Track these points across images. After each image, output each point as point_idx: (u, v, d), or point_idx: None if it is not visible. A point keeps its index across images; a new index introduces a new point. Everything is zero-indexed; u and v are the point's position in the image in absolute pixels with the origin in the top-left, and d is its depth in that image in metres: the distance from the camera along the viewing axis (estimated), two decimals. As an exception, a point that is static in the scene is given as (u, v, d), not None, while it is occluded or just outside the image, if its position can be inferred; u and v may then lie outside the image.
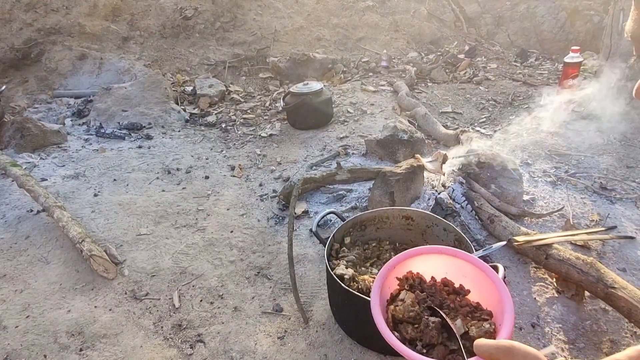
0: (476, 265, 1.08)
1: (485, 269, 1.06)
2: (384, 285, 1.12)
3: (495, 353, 0.92)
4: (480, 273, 1.07)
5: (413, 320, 1.06)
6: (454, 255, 1.12)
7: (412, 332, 1.05)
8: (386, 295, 1.13)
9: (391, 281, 1.15)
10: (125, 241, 2.36)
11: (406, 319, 1.07)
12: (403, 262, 1.16)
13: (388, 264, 1.14)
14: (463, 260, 1.11)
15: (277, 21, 5.39)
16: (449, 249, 1.13)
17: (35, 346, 1.78)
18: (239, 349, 1.73)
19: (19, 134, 3.37)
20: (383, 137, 2.96)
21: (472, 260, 1.09)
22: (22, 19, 4.98)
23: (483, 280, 1.07)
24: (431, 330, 1.04)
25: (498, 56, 5.12)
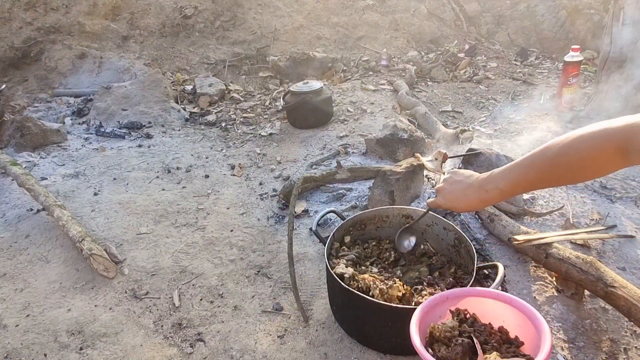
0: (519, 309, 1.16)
1: (534, 318, 1.12)
2: (434, 310, 1.21)
3: None
4: (522, 316, 1.14)
5: (448, 341, 1.12)
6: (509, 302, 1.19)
7: (444, 352, 1.10)
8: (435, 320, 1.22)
9: (443, 311, 1.23)
10: (125, 240, 2.36)
11: (442, 338, 1.13)
12: (458, 297, 1.26)
13: (440, 295, 1.24)
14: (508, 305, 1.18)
15: (277, 20, 5.39)
16: (505, 295, 1.20)
17: (36, 345, 1.78)
18: (239, 348, 1.73)
19: (19, 133, 3.37)
20: (383, 136, 2.96)
21: (517, 304, 1.16)
22: (22, 17, 4.98)
23: (525, 321, 1.13)
24: (456, 347, 1.09)
25: (498, 55, 5.12)
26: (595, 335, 1.68)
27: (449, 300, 1.25)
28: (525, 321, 1.13)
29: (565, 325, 1.71)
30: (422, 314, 1.18)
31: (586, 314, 1.76)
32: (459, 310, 1.22)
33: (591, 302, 1.81)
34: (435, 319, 1.22)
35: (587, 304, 1.80)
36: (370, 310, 1.55)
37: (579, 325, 1.72)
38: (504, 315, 1.19)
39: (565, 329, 1.70)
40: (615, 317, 1.73)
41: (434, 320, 1.21)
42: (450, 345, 1.11)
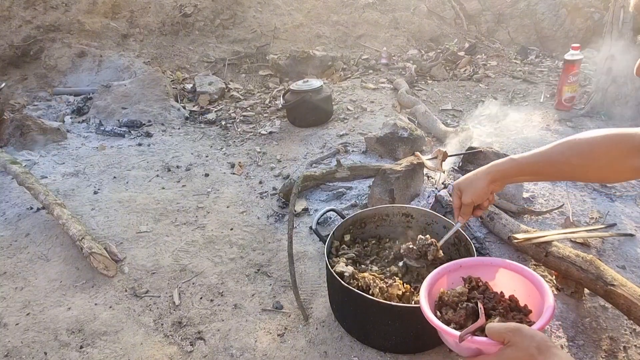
0: (528, 278, 1.21)
1: (538, 282, 1.18)
2: (447, 277, 1.28)
3: (504, 333, 0.96)
4: (532, 286, 1.19)
5: (455, 306, 1.17)
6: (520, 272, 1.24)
7: (451, 315, 1.15)
8: (447, 286, 1.28)
9: (456, 278, 1.29)
10: (125, 239, 2.36)
11: (450, 302, 1.19)
12: (472, 266, 1.31)
13: (454, 263, 1.30)
14: (519, 274, 1.23)
15: (277, 18, 5.38)
16: (516, 265, 1.26)
17: (36, 343, 1.78)
18: (239, 346, 1.73)
19: (19, 132, 3.37)
20: (383, 134, 2.96)
21: (527, 273, 1.22)
22: (21, 16, 4.97)
23: (534, 291, 1.18)
24: (461, 310, 1.14)
25: (498, 53, 5.11)
26: (594, 333, 1.68)
27: (462, 269, 1.31)
28: (534, 291, 1.17)
29: (565, 324, 1.71)
30: (432, 280, 1.24)
31: (586, 313, 1.76)
32: (471, 278, 1.26)
33: (591, 301, 1.81)
34: (448, 285, 1.27)
35: (586, 303, 1.80)
36: (370, 309, 1.55)
37: (579, 323, 1.72)
38: (515, 284, 1.23)
39: (565, 327, 1.70)
40: (615, 316, 1.73)
41: (446, 286, 1.27)
42: (456, 309, 1.16)
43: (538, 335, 0.93)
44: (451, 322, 1.13)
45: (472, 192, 1.36)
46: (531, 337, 0.92)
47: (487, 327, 0.99)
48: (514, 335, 0.94)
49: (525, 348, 0.91)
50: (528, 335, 0.93)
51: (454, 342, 1.04)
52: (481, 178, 1.34)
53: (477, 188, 1.35)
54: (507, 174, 1.32)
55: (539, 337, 0.92)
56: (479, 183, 1.34)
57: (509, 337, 0.94)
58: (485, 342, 0.98)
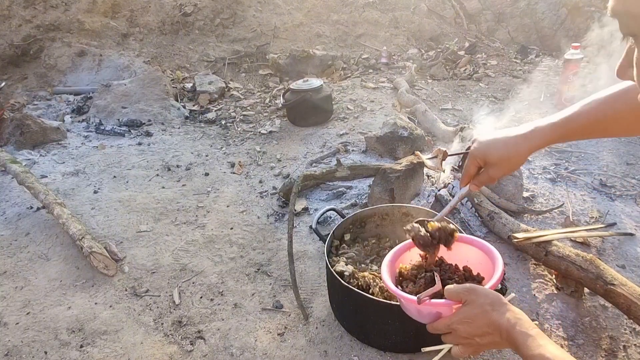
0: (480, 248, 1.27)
1: (487, 249, 1.25)
2: (406, 255, 1.34)
3: (461, 292, 1.03)
4: (484, 255, 1.26)
5: (414, 278, 1.23)
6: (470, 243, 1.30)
7: (411, 287, 1.20)
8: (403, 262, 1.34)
9: (415, 256, 1.33)
10: (125, 238, 2.36)
11: (409, 276, 1.25)
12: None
13: (410, 241, 1.32)
14: (471, 245, 1.29)
15: (276, 17, 5.38)
16: (467, 237, 1.32)
17: (36, 343, 1.78)
18: (239, 345, 1.73)
19: (19, 131, 3.37)
20: (383, 134, 2.96)
21: (478, 244, 1.28)
22: (21, 15, 4.97)
23: (486, 259, 1.25)
24: (420, 280, 1.21)
25: (498, 53, 5.11)
26: (594, 332, 1.68)
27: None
28: (486, 259, 1.24)
29: (565, 323, 1.71)
30: (393, 257, 1.31)
31: (586, 312, 1.76)
32: (427, 254, 1.31)
33: (591, 300, 1.81)
34: (406, 263, 1.34)
35: (586, 302, 1.80)
36: (370, 308, 1.55)
37: (579, 322, 1.72)
38: (468, 255, 1.30)
39: (564, 327, 1.70)
40: (615, 315, 1.73)
41: (406, 263, 1.34)
42: (415, 282, 1.22)
43: (492, 293, 1.00)
44: (412, 293, 1.17)
45: (506, 168, 1.14)
46: (485, 294, 1.00)
47: (445, 289, 1.05)
48: (469, 294, 1.01)
49: (480, 305, 0.98)
50: (482, 294, 1.00)
51: (414, 308, 1.09)
52: (521, 153, 1.11)
53: (515, 165, 1.14)
54: (550, 141, 1.12)
55: (493, 295, 1.00)
56: (518, 160, 1.12)
57: (465, 296, 1.01)
58: (443, 303, 1.04)
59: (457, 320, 1.00)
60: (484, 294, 1.00)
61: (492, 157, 1.15)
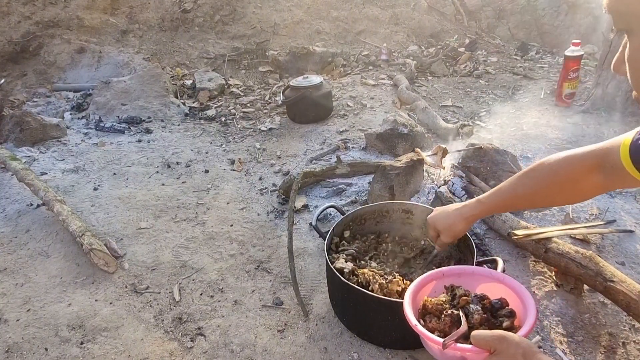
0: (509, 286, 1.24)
1: (518, 289, 1.21)
2: (430, 286, 1.30)
3: (490, 341, 0.96)
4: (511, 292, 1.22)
5: (439, 314, 1.17)
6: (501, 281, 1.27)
7: (435, 323, 1.16)
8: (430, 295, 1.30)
9: (439, 287, 1.30)
10: (125, 235, 2.36)
11: (433, 310, 1.20)
12: (457, 276, 1.32)
13: (437, 271, 1.32)
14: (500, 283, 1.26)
15: (276, 14, 5.36)
16: (498, 274, 1.30)
17: (37, 339, 1.79)
18: (239, 342, 1.73)
19: (18, 128, 3.37)
20: (383, 130, 2.95)
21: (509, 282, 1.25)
22: (20, 12, 4.95)
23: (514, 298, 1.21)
24: (445, 317, 1.14)
25: (498, 49, 5.10)
26: (594, 329, 1.69)
27: (444, 277, 1.32)
28: (516, 299, 1.19)
29: (564, 320, 1.72)
30: (416, 288, 1.26)
31: (585, 309, 1.77)
32: (452, 286, 1.26)
33: (590, 297, 1.81)
34: (430, 294, 1.28)
35: (586, 299, 1.81)
36: (369, 305, 1.55)
37: (578, 319, 1.72)
38: (497, 293, 1.24)
39: (564, 324, 1.70)
40: (614, 312, 1.74)
41: (430, 295, 1.28)
42: (440, 317, 1.16)
43: (523, 342, 0.93)
44: (435, 330, 1.13)
45: (451, 235, 1.49)
46: (517, 344, 0.93)
47: (472, 334, 0.99)
48: (499, 343, 0.94)
49: (512, 355, 0.91)
50: (513, 343, 0.93)
51: (438, 349, 1.04)
52: (458, 223, 1.45)
53: (456, 232, 1.48)
54: (480, 216, 1.47)
55: (525, 344, 0.93)
56: (457, 228, 1.46)
57: (495, 345, 0.94)
58: (470, 350, 0.98)
59: None
60: (515, 344, 0.93)
61: (439, 226, 1.51)
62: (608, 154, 1.06)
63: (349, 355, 1.63)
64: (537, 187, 1.26)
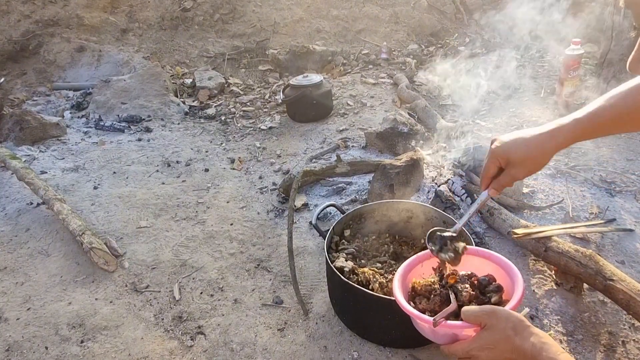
0: (496, 262, 1.24)
1: (505, 264, 1.21)
2: (418, 269, 1.29)
3: (480, 316, 0.96)
4: (498, 267, 1.22)
5: (428, 294, 1.18)
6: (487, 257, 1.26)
7: (425, 304, 1.15)
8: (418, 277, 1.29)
9: (427, 269, 1.29)
10: (125, 234, 2.36)
11: (423, 292, 1.19)
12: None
13: (424, 253, 1.30)
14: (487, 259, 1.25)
15: (276, 13, 5.36)
16: (484, 251, 1.28)
17: (37, 338, 1.79)
18: (239, 341, 1.74)
19: (18, 127, 3.36)
20: (383, 129, 2.95)
21: (495, 258, 1.24)
22: (20, 10, 4.95)
23: (503, 275, 1.20)
24: (435, 297, 1.15)
25: (498, 48, 5.09)
26: (593, 328, 1.69)
27: (431, 259, 1.31)
28: (504, 274, 1.19)
29: (564, 318, 1.72)
30: (404, 271, 1.26)
31: (585, 307, 1.77)
32: (440, 266, 1.26)
33: (590, 295, 1.81)
34: (418, 276, 1.28)
35: (585, 297, 1.81)
36: (369, 304, 1.56)
37: (578, 318, 1.73)
38: (485, 270, 1.24)
39: (564, 322, 1.71)
40: (614, 310, 1.74)
41: (418, 277, 1.28)
42: (429, 298, 1.17)
43: (513, 315, 0.94)
44: (426, 311, 1.14)
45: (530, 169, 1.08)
46: (506, 317, 0.93)
47: (462, 310, 0.99)
48: (489, 318, 0.94)
49: (502, 329, 0.92)
50: (503, 317, 0.94)
51: (429, 328, 1.05)
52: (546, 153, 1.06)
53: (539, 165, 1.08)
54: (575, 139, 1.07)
55: (514, 317, 0.93)
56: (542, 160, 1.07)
57: (485, 320, 0.95)
58: (461, 325, 0.99)
59: (477, 346, 0.94)
60: (505, 317, 0.93)
61: (515, 156, 1.07)
62: None
63: (349, 354, 1.64)
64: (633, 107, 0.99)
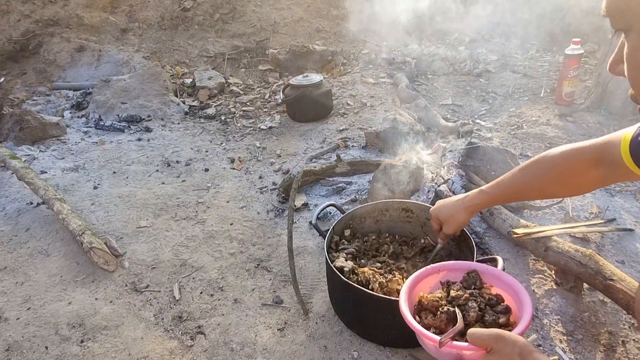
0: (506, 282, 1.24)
1: (515, 285, 1.21)
2: (426, 281, 1.29)
3: (487, 340, 0.97)
4: (507, 288, 1.23)
5: (435, 310, 1.17)
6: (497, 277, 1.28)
7: (431, 320, 1.15)
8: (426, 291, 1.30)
9: (435, 282, 1.30)
10: (125, 233, 2.36)
11: (429, 307, 1.19)
12: (450, 270, 1.32)
13: (433, 267, 1.31)
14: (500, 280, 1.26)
15: (276, 13, 5.36)
16: (493, 269, 1.30)
17: (37, 338, 1.79)
18: (239, 341, 1.74)
19: (18, 127, 3.36)
20: (383, 129, 2.95)
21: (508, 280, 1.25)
22: (20, 10, 4.95)
23: (511, 294, 1.21)
24: (441, 314, 1.14)
25: (498, 48, 5.09)
26: (593, 328, 1.69)
27: (440, 273, 1.32)
28: (513, 295, 1.20)
29: (564, 318, 1.72)
30: (412, 284, 1.25)
31: (585, 307, 1.77)
32: (448, 282, 1.27)
33: (590, 295, 1.81)
34: (426, 290, 1.28)
35: (585, 297, 1.81)
36: (369, 304, 1.56)
37: (578, 318, 1.73)
38: (493, 290, 1.25)
39: (563, 322, 1.71)
40: (614, 310, 1.74)
41: (425, 291, 1.28)
42: (436, 314, 1.16)
43: (520, 341, 0.94)
44: (431, 327, 1.13)
45: (454, 226, 1.51)
46: (513, 343, 0.93)
47: (468, 332, 0.99)
48: (496, 342, 0.94)
49: (508, 355, 0.92)
50: (510, 342, 0.94)
51: (434, 347, 1.04)
52: (461, 213, 1.46)
53: (459, 222, 1.49)
54: (482, 206, 1.48)
55: (521, 343, 0.93)
56: (460, 217, 1.47)
57: (492, 344, 0.95)
58: (466, 347, 0.98)
59: None
60: (511, 343, 0.93)
61: (442, 216, 1.52)
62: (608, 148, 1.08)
63: (348, 353, 1.64)
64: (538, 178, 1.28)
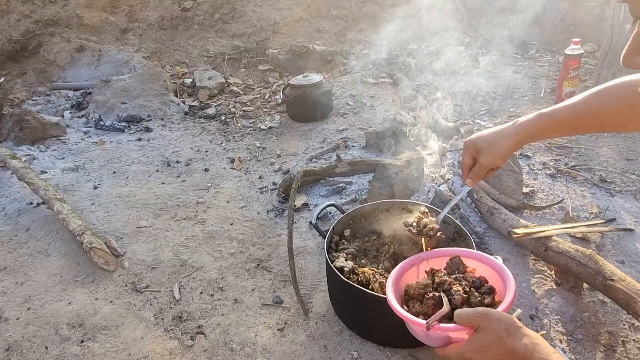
0: (488, 264, 1.25)
1: (497, 266, 1.23)
2: (411, 271, 1.30)
3: (472, 318, 0.98)
4: (490, 269, 1.24)
5: (422, 298, 1.19)
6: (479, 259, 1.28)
7: (418, 307, 1.17)
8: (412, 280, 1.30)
9: (420, 272, 1.31)
10: (125, 233, 2.36)
11: (416, 295, 1.20)
12: (435, 258, 1.33)
13: (417, 256, 1.32)
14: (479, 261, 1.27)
15: (276, 13, 5.36)
16: (476, 253, 1.30)
17: (37, 338, 1.79)
18: (239, 341, 1.74)
19: (18, 127, 3.36)
20: (383, 129, 2.95)
21: (487, 260, 1.26)
22: (20, 10, 4.95)
23: (495, 276, 1.22)
24: (428, 300, 1.16)
25: (498, 48, 5.09)
26: (593, 328, 1.69)
27: (424, 262, 1.33)
28: (496, 276, 1.21)
29: (564, 318, 1.72)
30: (398, 275, 1.26)
31: (585, 307, 1.77)
32: (433, 270, 1.27)
33: (590, 295, 1.81)
34: (412, 280, 1.29)
35: (585, 297, 1.81)
36: (369, 303, 1.56)
37: (578, 318, 1.73)
38: (477, 272, 1.26)
39: (563, 322, 1.71)
40: (614, 310, 1.74)
41: (413, 280, 1.29)
42: (423, 301, 1.18)
43: (505, 317, 0.95)
44: (419, 314, 1.14)
45: (494, 154, 1.16)
46: (499, 319, 0.95)
47: (455, 313, 1.00)
48: (482, 320, 0.96)
49: (495, 331, 0.93)
50: (495, 318, 0.95)
51: (422, 331, 1.05)
52: (507, 138, 1.14)
53: (502, 149, 1.15)
54: (538, 133, 1.14)
55: (506, 319, 0.95)
56: (505, 144, 1.14)
57: (478, 322, 0.96)
58: (454, 328, 1.00)
59: (471, 348, 0.95)
60: (497, 319, 0.94)
61: (481, 144, 1.19)
62: None
63: (349, 353, 1.64)
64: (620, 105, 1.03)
